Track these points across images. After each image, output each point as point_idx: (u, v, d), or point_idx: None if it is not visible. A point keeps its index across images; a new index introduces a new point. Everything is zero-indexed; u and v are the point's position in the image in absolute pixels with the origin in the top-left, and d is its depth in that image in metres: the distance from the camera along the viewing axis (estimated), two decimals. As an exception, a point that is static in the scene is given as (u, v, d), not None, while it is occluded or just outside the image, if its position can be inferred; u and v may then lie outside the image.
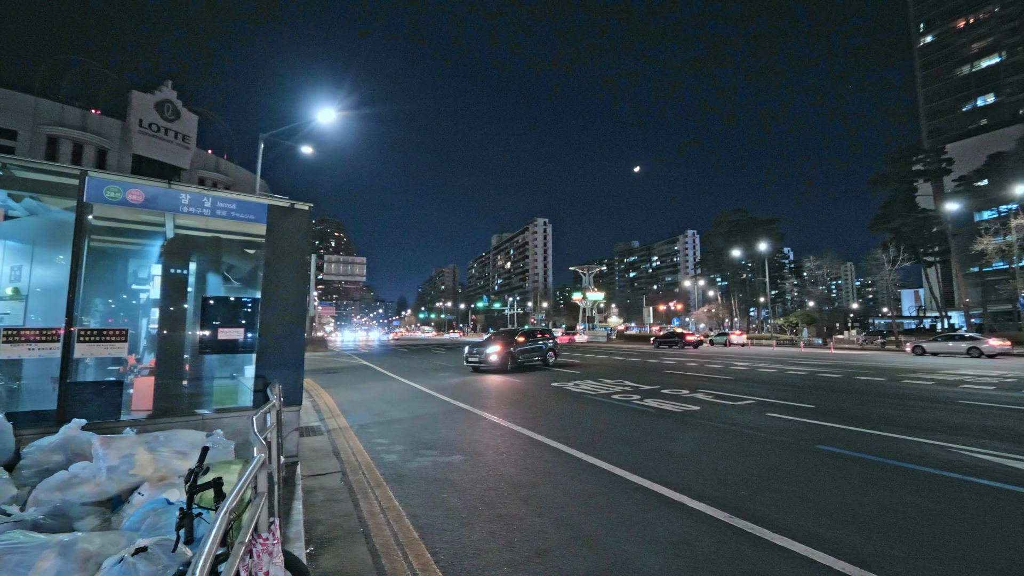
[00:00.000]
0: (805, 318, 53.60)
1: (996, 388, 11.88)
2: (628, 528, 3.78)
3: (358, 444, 6.65)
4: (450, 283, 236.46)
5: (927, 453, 5.84)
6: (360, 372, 17.98)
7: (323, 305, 74.50)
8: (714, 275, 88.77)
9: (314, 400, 10.77)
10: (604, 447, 6.28)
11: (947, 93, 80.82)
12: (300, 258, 5.62)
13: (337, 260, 50.31)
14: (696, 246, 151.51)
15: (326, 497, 4.49)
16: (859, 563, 3.16)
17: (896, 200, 56.16)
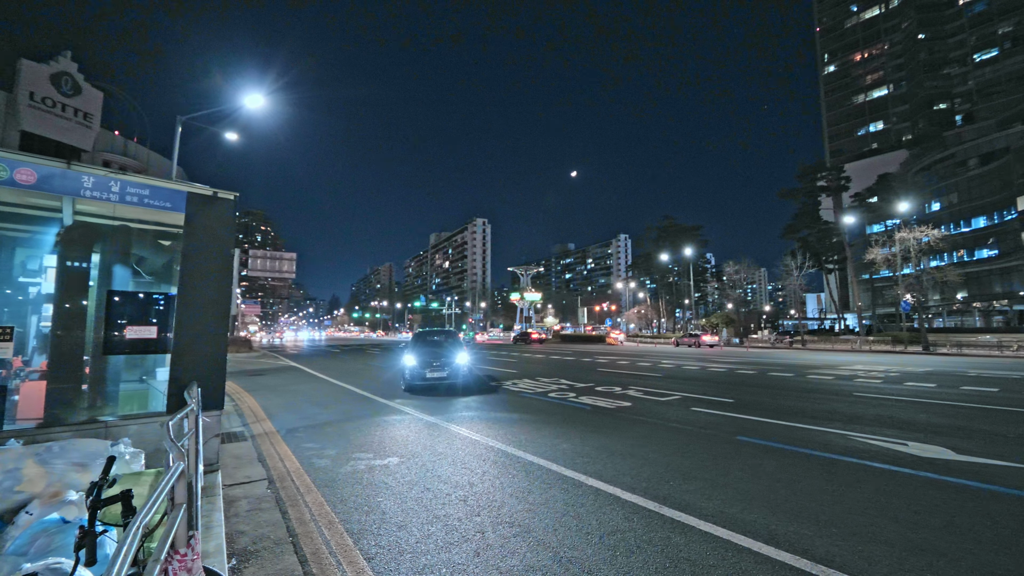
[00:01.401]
0: (724, 319, 57.47)
1: (883, 382, 13.38)
2: (565, 522, 3.86)
3: (286, 449, 6.29)
4: (386, 282, 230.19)
5: (830, 441, 6.46)
6: (288, 374, 17.04)
7: (247, 303, 69.89)
8: (644, 278, 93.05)
9: (237, 404, 10.06)
10: (540, 444, 6.38)
11: (846, 118, 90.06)
12: (223, 252, 5.23)
13: (264, 256, 47.42)
14: (628, 250, 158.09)
15: (251, 506, 4.21)
16: (772, 542, 3.43)
17: (803, 212, 61.70)
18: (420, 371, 11.20)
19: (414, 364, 11.30)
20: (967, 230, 51.59)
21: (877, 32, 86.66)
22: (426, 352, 11.92)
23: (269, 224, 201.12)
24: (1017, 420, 7.82)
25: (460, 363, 11.68)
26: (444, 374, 11.34)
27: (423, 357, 11.55)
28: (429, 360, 11.47)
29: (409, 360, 11.44)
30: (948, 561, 3.17)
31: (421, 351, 11.99)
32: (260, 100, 15.63)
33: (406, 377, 11.40)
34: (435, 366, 11.36)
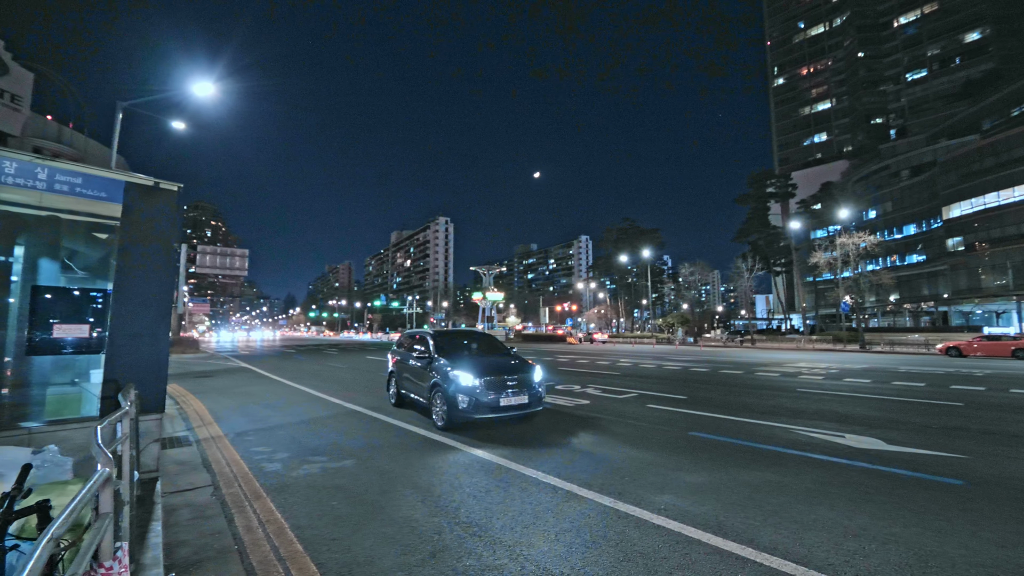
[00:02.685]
0: (680, 319, 59.43)
1: (824, 378, 14.17)
2: (523, 520, 3.87)
3: (234, 454, 6.01)
4: (345, 280, 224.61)
5: (775, 434, 6.78)
6: (239, 375, 16.31)
7: (195, 302, 66.38)
8: (604, 278, 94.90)
9: (182, 407, 9.54)
10: (501, 444, 6.37)
11: (793, 129, 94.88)
12: (165, 245, 4.94)
13: (213, 252, 45.23)
14: (589, 251, 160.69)
15: (193, 515, 3.99)
16: (720, 533, 3.56)
17: (753, 217, 64.59)
18: (487, 395, 7.04)
19: (474, 385, 7.05)
20: (899, 237, 55.45)
21: (822, 48, 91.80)
22: (482, 365, 7.51)
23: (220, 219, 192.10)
24: (940, 412, 8.45)
25: (538, 381, 7.72)
26: (525, 399, 7.31)
27: (485, 374, 7.25)
28: (499, 379, 7.27)
29: (463, 378, 7.12)
30: (878, 544, 3.39)
31: (472, 364, 7.52)
32: (210, 88, 14.90)
33: (458, 404, 7.04)
34: (511, 387, 7.27)
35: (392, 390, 9.58)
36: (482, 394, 7.05)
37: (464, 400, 7.02)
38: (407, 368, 8.88)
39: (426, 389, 7.81)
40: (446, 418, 7.20)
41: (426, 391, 7.81)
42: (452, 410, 7.11)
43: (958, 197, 46.53)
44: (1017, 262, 41.62)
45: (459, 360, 7.70)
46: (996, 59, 68.52)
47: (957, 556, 3.21)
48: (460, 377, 7.17)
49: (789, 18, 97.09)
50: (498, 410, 7.10)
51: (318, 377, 15.17)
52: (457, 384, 7.13)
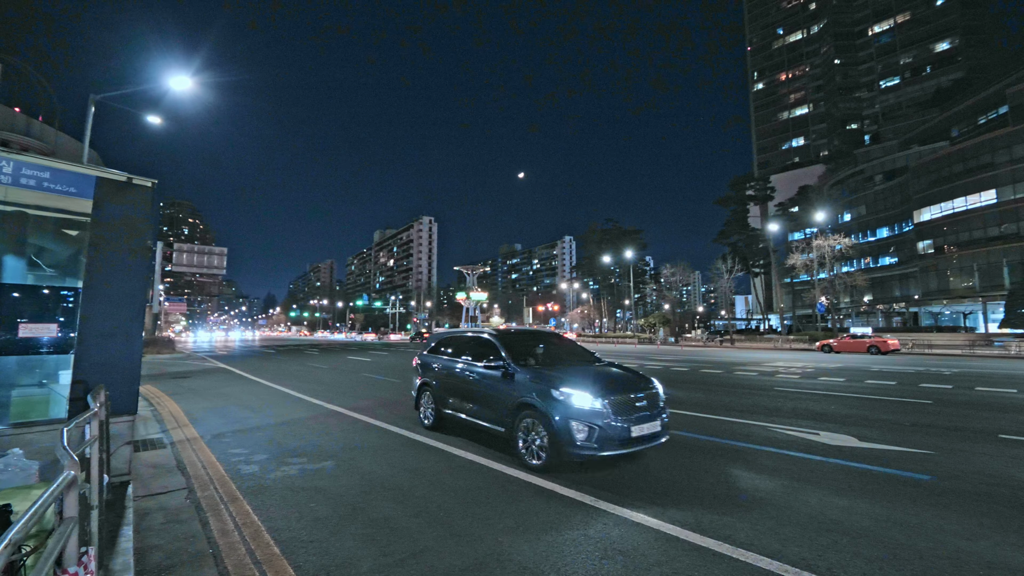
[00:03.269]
0: (661, 319, 60.13)
1: (800, 377, 14.49)
2: (503, 520, 3.87)
3: (210, 456, 5.89)
4: (327, 280, 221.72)
5: (753, 432, 6.91)
6: (216, 376, 15.97)
7: (171, 301, 64.78)
8: (587, 279, 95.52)
9: (156, 409, 9.30)
10: (483, 444, 6.36)
11: (772, 133, 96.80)
12: (139, 243, 4.81)
13: (191, 250, 44.15)
14: (572, 251, 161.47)
15: (166, 519, 3.89)
16: (699, 530, 3.61)
17: (733, 219, 65.72)
18: (616, 423, 4.99)
19: (597, 408, 5.00)
20: (873, 239, 57.01)
21: (800, 55, 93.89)
22: (598, 380, 5.44)
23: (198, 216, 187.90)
24: (910, 409, 8.71)
25: (664, 399, 5.79)
26: (658, 427, 5.35)
27: (609, 392, 5.23)
28: (627, 399, 5.27)
29: (578, 398, 5.05)
30: (850, 538, 3.48)
31: (583, 378, 5.43)
32: (187, 83, 14.56)
33: (574, 437, 4.92)
34: (642, 410, 5.27)
35: (426, 408, 7.40)
36: (610, 421, 4.92)
37: (583, 430, 4.87)
38: (455, 380, 6.86)
39: (503, 412, 5.70)
40: (549, 454, 5.06)
41: (502, 414, 5.69)
42: (561, 444, 4.91)
43: (928, 201, 48.04)
44: (983, 265, 43.15)
45: (563, 373, 5.56)
46: (965, 68, 70.99)
47: (924, 549, 3.31)
48: (574, 397, 5.02)
49: (769, 24, 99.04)
50: (629, 443, 4.99)
51: (298, 378, 14.95)
52: (570, 407, 4.97)
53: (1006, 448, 5.95)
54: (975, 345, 31.15)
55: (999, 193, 41.95)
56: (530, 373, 5.68)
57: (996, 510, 3.99)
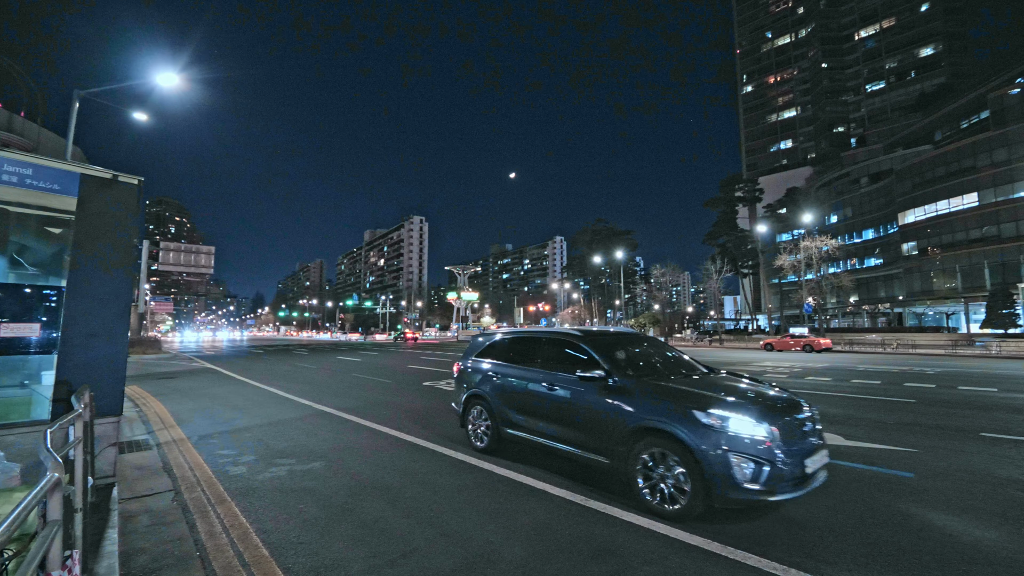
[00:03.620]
0: (651, 319, 60.49)
1: (788, 376, 14.66)
2: (494, 520, 3.87)
3: (197, 458, 5.82)
4: (316, 279, 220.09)
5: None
6: (204, 376, 15.78)
7: (157, 300, 63.88)
8: (578, 279, 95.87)
9: (142, 410, 9.16)
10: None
11: (761, 135, 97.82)
12: (124, 241, 4.74)
13: (177, 248, 43.57)
14: (563, 251, 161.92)
15: (152, 521, 3.84)
16: (689, 529, 3.64)
17: (722, 220, 66.34)
18: (790, 457, 3.71)
19: (765, 437, 3.71)
20: (859, 241, 57.85)
21: (788, 58, 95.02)
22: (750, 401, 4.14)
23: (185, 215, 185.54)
24: (894, 408, 8.86)
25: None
26: (827, 459, 4.13)
27: (776, 414, 3.98)
28: (795, 422, 4.05)
29: (738, 423, 3.77)
30: (837, 536, 3.53)
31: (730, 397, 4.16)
32: (174, 79, 14.36)
33: (734, 475, 3.63)
34: (809, 438, 4.04)
35: (478, 426, 6.09)
36: (781, 454, 3.69)
37: (747, 466, 3.62)
38: (523, 393, 5.49)
39: (606, 437, 4.38)
40: (691, 497, 3.78)
41: (606, 440, 4.37)
42: (714, 485, 3.67)
43: (912, 204, 48.87)
44: (965, 266, 43.99)
45: (701, 388, 4.31)
46: (948, 74, 72.35)
47: (907, 545, 3.37)
48: (732, 422, 3.76)
49: (757, 28, 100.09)
50: (804, 482, 3.73)
51: (287, 378, 14.82)
52: (727, 435, 3.71)
53: (987, 446, 6.07)
54: (957, 345, 31.76)
55: (980, 196, 42.82)
56: (649, 387, 4.40)
57: (978, 506, 4.08)
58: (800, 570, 3.05)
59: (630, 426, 4.21)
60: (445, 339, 66.59)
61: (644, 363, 5.32)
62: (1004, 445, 6.10)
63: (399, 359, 23.32)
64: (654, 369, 5.19)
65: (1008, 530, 3.61)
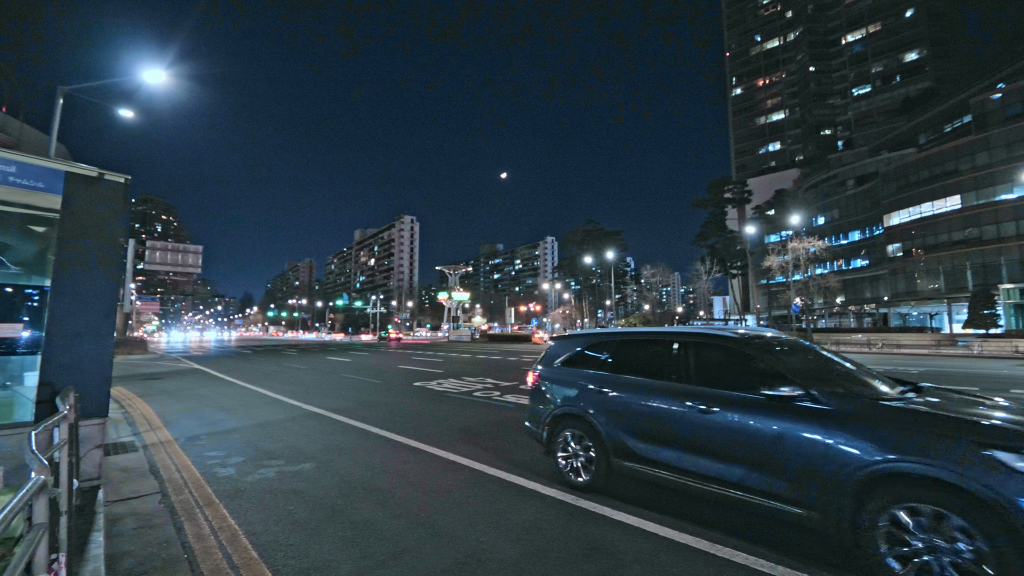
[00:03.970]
0: (642, 319, 60.89)
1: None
2: (484, 520, 3.88)
3: (184, 459, 5.75)
4: (306, 279, 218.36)
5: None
6: (191, 377, 15.59)
7: (144, 300, 62.98)
8: (569, 279, 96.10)
9: (128, 411, 9.04)
10: (464, 443, 6.36)
11: (749, 137, 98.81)
12: (110, 240, 4.68)
13: (164, 247, 42.99)
14: (554, 252, 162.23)
15: (139, 524, 3.80)
16: (679, 527, 3.68)
17: (712, 221, 66.90)
18: None
19: None
20: (845, 242, 58.70)
21: (777, 61, 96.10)
22: None
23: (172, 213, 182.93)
24: (879, 408, 8.99)
25: None
26: None
27: None
28: None
29: None
30: (814, 534, 3.59)
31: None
32: (162, 76, 14.17)
33: None
34: None
35: (576, 456, 4.72)
36: None
37: None
38: (659, 418, 4.08)
39: (811, 482, 3.15)
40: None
41: (811, 487, 3.15)
42: None
43: (897, 206, 49.68)
44: (948, 268, 44.81)
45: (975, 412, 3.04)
46: (932, 78, 73.57)
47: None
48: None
49: (747, 31, 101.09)
50: None
51: (276, 379, 14.69)
52: None
53: (968, 444, 6.20)
54: (940, 345, 32.36)
55: (963, 199, 43.64)
56: (891, 412, 3.05)
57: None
58: (787, 567, 3.10)
59: (863, 471, 2.91)
60: (436, 339, 66.72)
61: (841, 376, 3.79)
62: (985, 443, 6.23)
63: (389, 359, 23.23)
64: (855, 382, 3.67)
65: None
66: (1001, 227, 41.32)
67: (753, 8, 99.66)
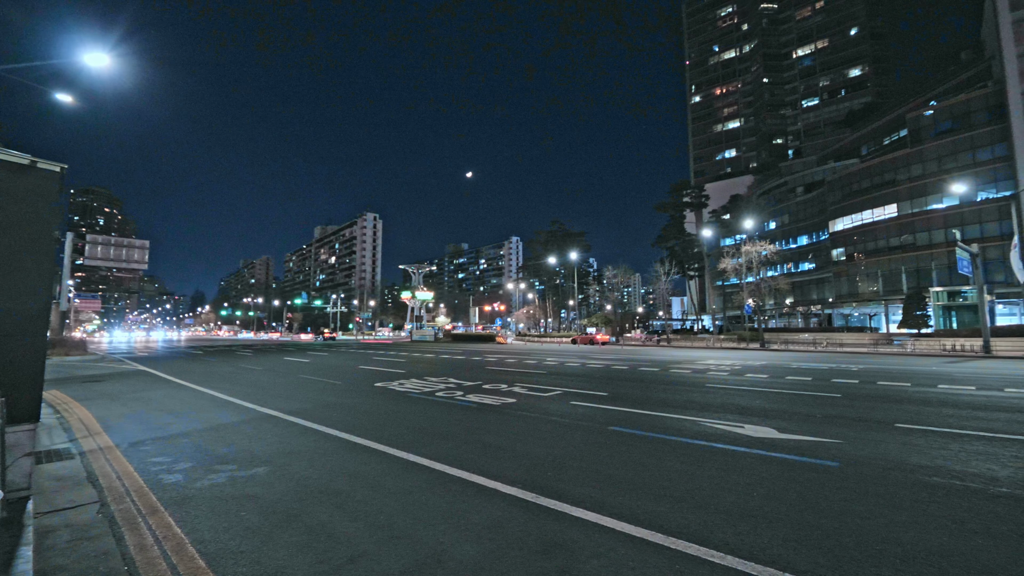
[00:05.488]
0: (603, 319, 61.99)
1: (729, 374, 15.43)
2: (445, 520, 3.86)
3: (127, 466, 5.44)
4: (263, 277, 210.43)
5: (685, 427, 7.29)
6: (136, 379, 14.74)
7: (83, 298, 58.97)
8: (533, 279, 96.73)
9: (64, 416, 8.46)
10: (425, 444, 6.30)
11: (707, 144, 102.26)
12: (43, 233, 4.37)
13: (106, 242, 40.37)
14: (519, 252, 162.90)
15: (74, 536, 3.57)
16: (634, 521, 3.77)
17: (671, 224, 68.92)
18: None
19: None
20: (794, 246, 61.69)
21: (733, 72, 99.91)
22: None
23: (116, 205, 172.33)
24: (823, 403, 9.52)
25: None
26: None
27: None
28: None
29: None
30: (768, 523, 3.76)
31: None
32: (104, 59, 13.31)
33: None
34: None
35: None
36: None
37: None
38: None
39: None
40: None
41: None
42: None
43: (841, 213, 52.62)
44: (886, 272, 47.83)
45: None
46: (873, 93, 78.34)
47: (831, 528, 3.65)
48: None
49: (706, 41, 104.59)
50: None
51: (230, 380, 14.09)
52: None
53: (901, 436, 6.65)
54: (878, 344, 34.49)
55: (899, 208, 46.71)
56: None
57: (892, 492, 4.46)
58: (737, 556, 3.24)
59: None
60: (399, 339, 65.78)
61: None
62: (915, 435, 6.70)
63: (349, 359, 22.70)
64: None
65: (915, 512, 3.97)
66: (932, 234, 44.49)
67: (712, 19, 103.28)
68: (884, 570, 3.04)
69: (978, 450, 5.85)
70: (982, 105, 42.75)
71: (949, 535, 3.53)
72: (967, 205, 42.44)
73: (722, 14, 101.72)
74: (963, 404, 9.25)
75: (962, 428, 7.07)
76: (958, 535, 3.53)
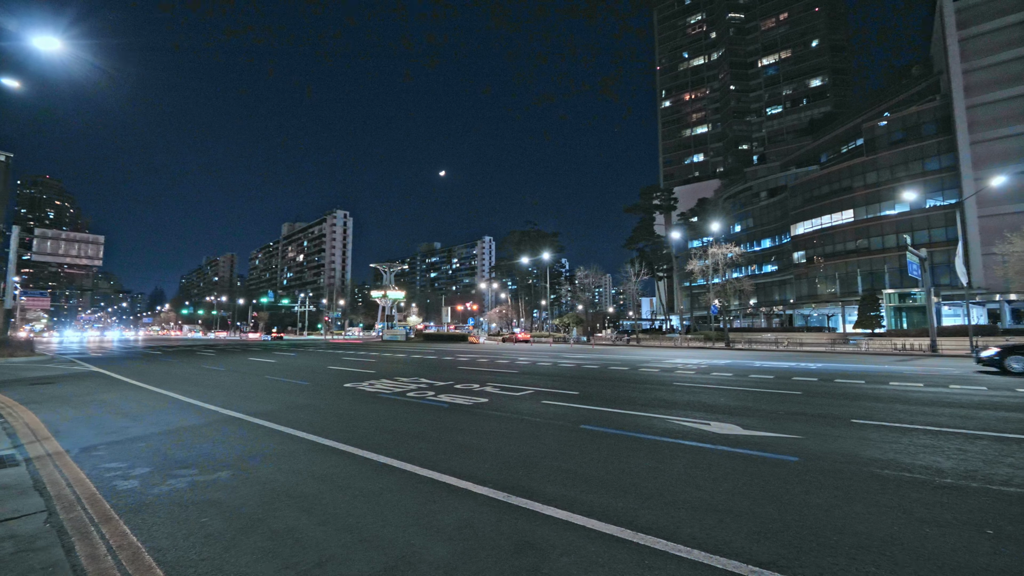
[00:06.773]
0: (575, 319, 62.59)
1: (695, 373, 15.84)
2: (416, 521, 3.82)
3: (78, 472, 5.17)
4: (227, 274, 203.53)
5: (653, 424, 7.44)
6: (88, 381, 14.02)
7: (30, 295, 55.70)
8: (506, 279, 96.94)
9: (7, 421, 7.97)
10: (396, 445, 6.22)
11: (676, 148, 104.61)
12: (-14, 227, 4.10)
13: (57, 236, 38.22)
14: (492, 251, 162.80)
15: (18, 547, 3.37)
16: (604, 518, 3.83)
17: (641, 226, 70.24)
18: None
19: None
20: (758, 249, 63.79)
21: (702, 79, 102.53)
22: None
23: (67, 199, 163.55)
24: (784, 400, 9.88)
25: None
26: None
27: None
28: None
29: None
30: (733, 517, 3.88)
31: None
32: (56, 43, 12.61)
33: None
34: None
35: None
36: None
37: None
38: None
39: None
40: None
41: None
42: None
43: (802, 218, 54.68)
44: (843, 274, 49.98)
45: None
46: (832, 103, 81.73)
47: (791, 521, 3.79)
48: None
49: (676, 48, 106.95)
50: None
51: (191, 382, 13.58)
52: None
53: (856, 431, 6.96)
54: (835, 343, 36.02)
55: (855, 213, 48.90)
56: None
57: (847, 484, 4.66)
58: (703, 550, 3.32)
59: None
60: (369, 339, 64.82)
61: None
62: (868, 430, 7.03)
63: (318, 359, 22.21)
64: None
65: (868, 503, 4.17)
66: (885, 239, 46.77)
67: (683, 27, 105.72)
68: (839, 559, 3.18)
69: (925, 444, 6.18)
70: (931, 117, 45.24)
71: (899, 524, 3.72)
72: (917, 212, 44.82)
73: (692, 22, 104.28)
74: (912, 400, 9.76)
75: (912, 423, 7.46)
76: (907, 524, 3.72)
